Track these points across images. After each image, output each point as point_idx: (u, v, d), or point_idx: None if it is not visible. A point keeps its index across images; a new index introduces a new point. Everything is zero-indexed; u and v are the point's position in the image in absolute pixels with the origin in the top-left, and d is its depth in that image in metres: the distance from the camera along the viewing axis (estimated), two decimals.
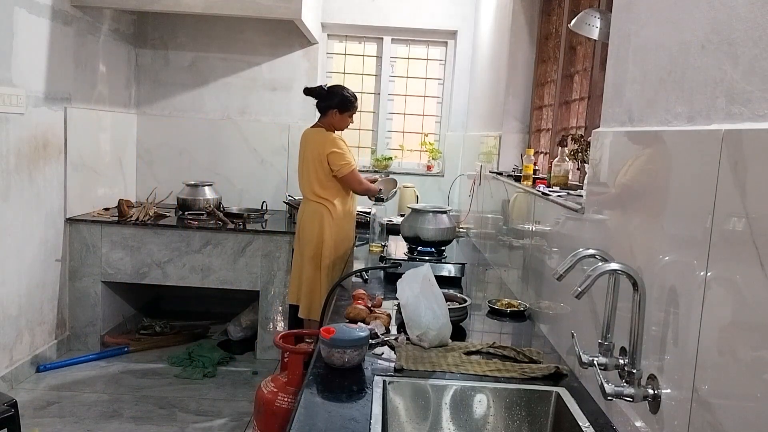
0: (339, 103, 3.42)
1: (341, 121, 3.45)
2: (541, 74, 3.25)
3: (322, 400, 1.49)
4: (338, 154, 3.35)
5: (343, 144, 3.41)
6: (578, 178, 2.40)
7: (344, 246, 3.46)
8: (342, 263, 3.39)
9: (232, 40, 4.84)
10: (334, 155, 3.35)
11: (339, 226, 3.43)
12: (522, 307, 2.32)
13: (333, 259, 3.40)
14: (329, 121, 3.44)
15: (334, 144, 3.37)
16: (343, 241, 3.45)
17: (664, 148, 1.25)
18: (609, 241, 1.51)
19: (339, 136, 3.44)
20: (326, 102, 3.43)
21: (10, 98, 3.23)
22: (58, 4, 3.66)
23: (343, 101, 3.43)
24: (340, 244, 3.43)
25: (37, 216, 3.58)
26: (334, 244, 3.41)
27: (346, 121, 3.48)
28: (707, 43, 1.12)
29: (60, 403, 3.30)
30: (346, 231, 3.48)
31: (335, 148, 3.36)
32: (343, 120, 3.46)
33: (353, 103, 3.46)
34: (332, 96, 3.43)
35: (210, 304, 4.78)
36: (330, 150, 3.35)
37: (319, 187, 3.41)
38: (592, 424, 1.41)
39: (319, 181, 3.40)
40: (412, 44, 5.16)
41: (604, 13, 2.03)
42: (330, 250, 3.40)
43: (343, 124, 3.48)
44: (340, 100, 3.43)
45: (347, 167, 3.37)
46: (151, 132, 4.88)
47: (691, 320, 1.08)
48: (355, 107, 3.48)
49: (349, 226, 3.53)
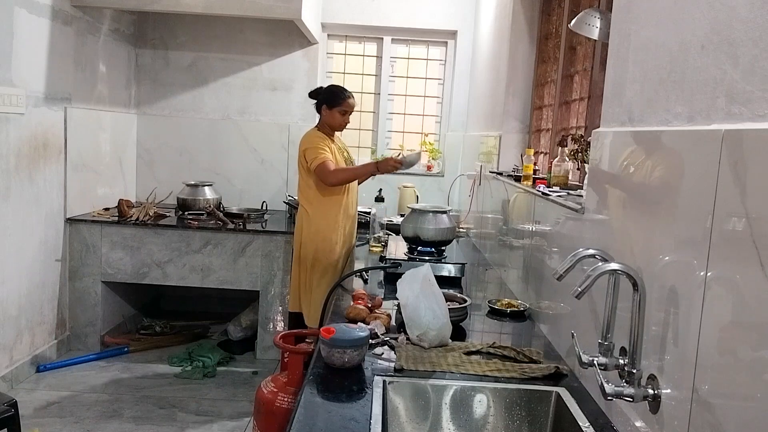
0: (325, 98, 3.28)
1: (332, 117, 3.26)
2: (541, 74, 3.25)
3: (322, 400, 1.49)
4: (310, 150, 3.19)
5: (318, 140, 3.21)
6: (578, 178, 2.40)
7: (328, 248, 3.25)
8: (334, 266, 3.26)
9: (232, 40, 4.84)
10: (308, 152, 3.20)
11: (318, 228, 3.24)
12: (522, 307, 2.32)
13: (323, 263, 3.24)
14: (323, 120, 3.31)
15: (308, 141, 3.23)
16: (324, 242, 3.24)
17: (664, 148, 1.25)
18: (609, 241, 1.51)
19: (320, 134, 3.27)
20: (317, 101, 3.33)
21: (10, 98, 3.23)
22: (58, 4, 3.66)
23: (328, 96, 3.27)
24: (323, 246, 3.24)
25: (37, 216, 3.58)
26: (315, 248, 3.23)
27: (337, 117, 3.26)
28: (707, 43, 1.12)
29: (60, 403, 3.30)
30: (328, 233, 3.25)
31: (308, 145, 3.21)
32: (332, 116, 3.26)
33: (339, 96, 3.25)
34: (319, 94, 3.32)
35: (210, 304, 4.77)
36: (304, 148, 3.22)
37: (301, 188, 3.33)
38: (592, 424, 1.41)
39: (299, 183, 3.33)
40: (412, 44, 5.16)
41: (604, 13, 2.03)
42: (311, 254, 3.24)
43: (333, 121, 3.27)
44: (325, 95, 3.28)
45: (315, 161, 3.15)
46: (151, 132, 4.88)
47: (691, 320, 1.08)
48: (346, 103, 3.26)
49: (334, 227, 3.27)
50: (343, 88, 3.35)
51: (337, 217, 3.28)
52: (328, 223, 3.26)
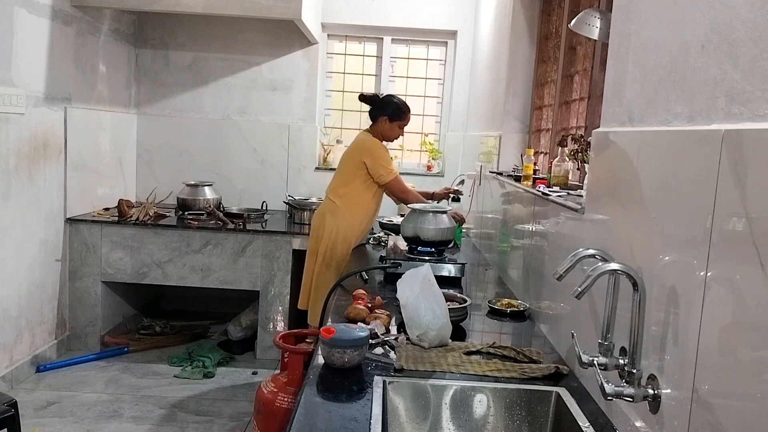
0: (389, 112, 3.43)
1: (390, 130, 3.44)
2: (541, 74, 3.25)
3: (322, 400, 1.49)
4: (381, 160, 3.34)
5: (385, 152, 3.40)
6: (578, 178, 2.40)
7: (345, 249, 3.38)
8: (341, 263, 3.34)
9: (232, 40, 4.84)
10: (377, 160, 3.33)
11: (342, 227, 3.35)
12: (522, 307, 2.32)
13: (336, 261, 3.34)
14: (379, 129, 3.45)
15: (375, 150, 3.36)
16: (343, 243, 3.37)
17: (664, 148, 1.25)
18: (609, 241, 1.51)
19: (383, 144, 3.43)
20: (378, 109, 3.44)
21: (10, 98, 3.23)
22: (58, 4, 3.66)
23: (395, 110, 3.43)
24: (341, 246, 3.36)
25: (37, 216, 3.58)
26: (333, 245, 3.34)
27: (395, 130, 3.45)
28: (707, 43, 1.12)
29: (60, 403, 3.30)
30: (349, 235, 3.38)
31: (376, 154, 3.34)
32: (392, 129, 3.44)
33: (404, 113, 3.44)
34: (384, 105, 3.45)
35: (210, 304, 4.78)
36: (369, 156, 3.34)
37: (336, 186, 3.43)
38: (592, 424, 1.41)
39: (338, 180, 3.44)
40: (412, 44, 5.16)
41: (604, 13, 2.03)
42: (329, 250, 3.34)
43: (392, 133, 3.46)
44: (392, 109, 3.43)
45: (391, 174, 3.34)
46: (151, 132, 4.88)
47: (691, 320, 1.08)
48: (407, 118, 3.46)
49: (358, 231, 3.43)
50: (404, 103, 3.49)
51: (362, 222, 3.44)
52: (352, 226, 3.38)
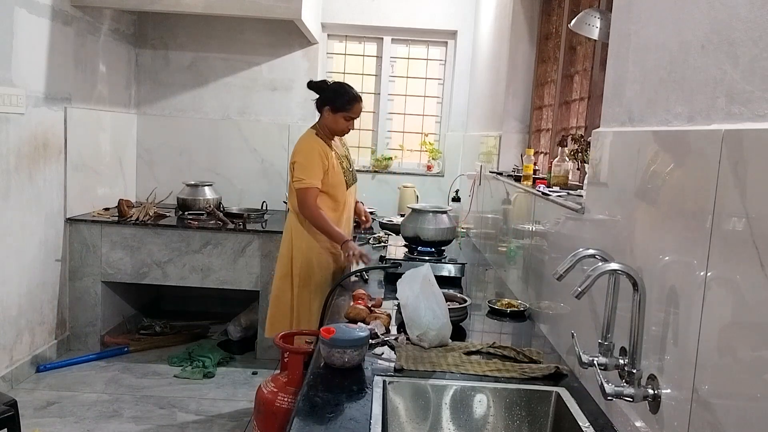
0: (329, 98, 2.91)
1: (334, 122, 2.91)
2: (541, 74, 3.25)
3: (322, 400, 1.49)
4: (300, 166, 2.84)
5: (313, 155, 2.85)
6: (578, 178, 2.40)
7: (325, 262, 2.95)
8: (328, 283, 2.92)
9: (232, 40, 4.84)
10: (297, 166, 2.86)
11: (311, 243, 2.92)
12: (522, 307, 2.32)
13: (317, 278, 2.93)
14: (323, 122, 2.95)
15: (302, 153, 2.88)
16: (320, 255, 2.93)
17: (664, 148, 1.25)
18: (609, 241, 1.51)
19: (317, 142, 2.90)
20: (321, 99, 2.95)
21: (10, 98, 3.23)
22: (58, 4, 3.66)
23: (333, 96, 2.90)
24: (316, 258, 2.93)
25: (37, 216, 3.58)
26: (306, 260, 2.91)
27: (340, 122, 2.91)
28: (707, 43, 1.12)
29: (60, 403, 3.29)
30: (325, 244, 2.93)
31: (301, 158, 2.86)
32: (335, 121, 2.91)
33: (348, 101, 2.89)
34: (326, 93, 2.93)
35: (210, 304, 4.77)
36: (294, 159, 2.88)
37: (290, 193, 2.99)
38: (592, 424, 1.41)
39: (290, 188, 2.98)
40: (412, 44, 5.16)
41: (604, 13, 2.03)
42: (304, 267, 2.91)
43: (336, 126, 2.92)
44: (330, 93, 2.91)
45: (302, 183, 2.82)
46: (151, 132, 4.88)
47: (691, 320, 1.08)
48: (353, 108, 2.90)
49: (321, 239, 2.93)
50: (351, 88, 2.97)
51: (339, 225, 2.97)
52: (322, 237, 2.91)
